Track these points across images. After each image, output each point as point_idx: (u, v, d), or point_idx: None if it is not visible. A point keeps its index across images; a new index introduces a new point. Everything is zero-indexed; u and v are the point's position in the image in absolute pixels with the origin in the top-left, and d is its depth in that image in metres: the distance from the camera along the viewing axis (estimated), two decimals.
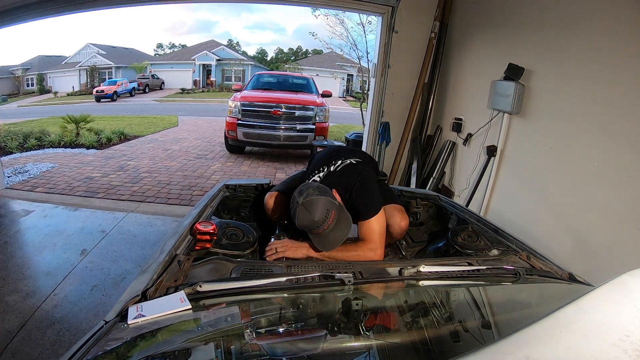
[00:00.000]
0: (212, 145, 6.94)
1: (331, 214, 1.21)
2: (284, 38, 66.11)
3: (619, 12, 1.75)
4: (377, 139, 3.80)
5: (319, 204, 1.19)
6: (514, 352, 0.45)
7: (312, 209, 1.18)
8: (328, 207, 1.21)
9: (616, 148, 1.74)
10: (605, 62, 1.81)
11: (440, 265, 1.02)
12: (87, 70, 22.65)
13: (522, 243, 1.26)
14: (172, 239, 1.15)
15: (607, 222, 1.77)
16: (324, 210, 1.19)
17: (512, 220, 2.34)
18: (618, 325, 0.48)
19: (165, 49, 33.34)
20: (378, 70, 3.62)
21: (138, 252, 2.63)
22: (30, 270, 2.37)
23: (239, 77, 23.21)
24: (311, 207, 1.19)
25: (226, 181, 1.90)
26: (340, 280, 0.89)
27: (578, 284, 1.01)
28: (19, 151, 5.84)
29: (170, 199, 3.83)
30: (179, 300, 0.78)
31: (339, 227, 1.25)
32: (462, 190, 3.03)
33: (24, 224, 3.08)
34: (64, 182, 4.20)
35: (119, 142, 6.85)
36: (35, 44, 44.23)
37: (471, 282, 1.02)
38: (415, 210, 1.87)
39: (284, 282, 0.88)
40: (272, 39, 67.78)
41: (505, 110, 2.44)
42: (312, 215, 1.18)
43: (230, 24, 64.68)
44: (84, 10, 3.47)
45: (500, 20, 2.73)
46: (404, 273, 0.96)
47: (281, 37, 66.62)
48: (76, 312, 1.94)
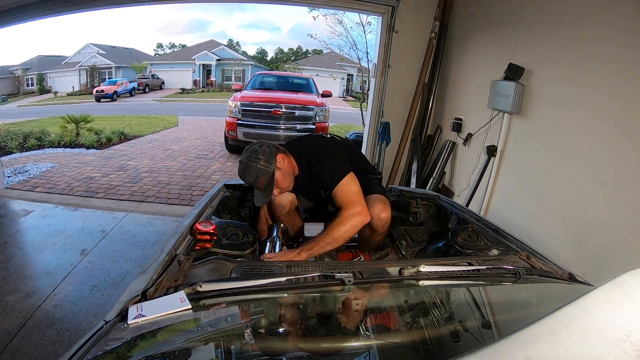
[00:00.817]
0: (212, 145, 6.94)
1: (260, 179, 1.39)
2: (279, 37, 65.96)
3: (619, 12, 1.75)
4: (377, 139, 3.79)
5: (251, 169, 1.39)
6: (514, 352, 0.45)
7: (245, 171, 1.40)
8: (258, 174, 1.39)
9: (616, 148, 1.74)
10: (605, 62, 1.81)
11: (440, 265, 1.02)
12: (87, 70, 22.63)
13: (522, 243, 1.26)
14: (172, 239, 1.15)
15: (607, 222, 1.77)
16: (254, 176, 1.40)
17: (512, 220, 2.34)
18: (618, 325, 0.48)
19: (165, 49, 33.35)
20: (378, 70, 3.62)
21: (138, 252, 2.63)
22: (30, 270, 2.37)
23: (239, 77, 23.20)
24: (245, 169, 1.40)
25: (226, 181, 1.90)
26: (340, 280, 0.88)
27: (578, 284, 1.01)
28: (18, 151, 5.84)
29: (170, 199, 3.83)
30: (179, 300, 0.78)
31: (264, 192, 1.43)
32: (462, 190, 3.03)
33: (23, 224, 3.08)
34: (63, 182, 4.20)
35: (119, 142, 6.85)
36: (35, 44, 44.18)
37: (471, 282, 1.02)
38: (415, 210, 1.87)
39: (284, 282, 0.88)
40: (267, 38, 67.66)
41: (505, 110, 2.44)
42: (243, 177, 1.42)
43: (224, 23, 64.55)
44: (84, 10, 3.47)
45: (500, 20, 2.73)
46: (404, 273, 0.95)
47: (277, 37, 66.54)
48: (76, 312, 1.94)
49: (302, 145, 1.56)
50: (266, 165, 1.40)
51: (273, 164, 1.41)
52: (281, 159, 1.44)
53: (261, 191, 1.43)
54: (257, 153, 1.41)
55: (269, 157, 1.41)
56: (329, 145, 1.53)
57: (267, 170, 1.39)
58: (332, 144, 1.55)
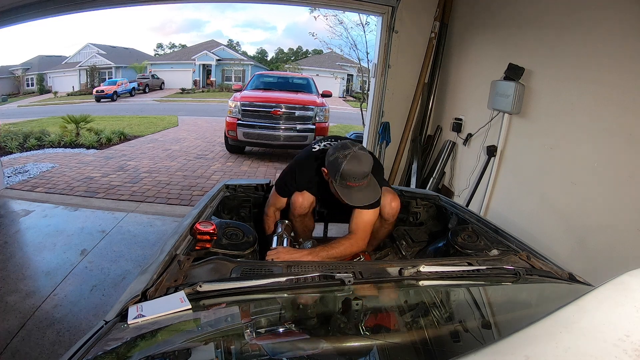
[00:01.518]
0: (212, 145, 6.94)
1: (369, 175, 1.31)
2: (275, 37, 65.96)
3: (619, 12, 1.75)
4: (377, 139, 3.79)
5: (368, 159, 1.30)
6: (514, 352, 0.45)
7: (363, 160, 1.28)
8: (372, 162, 1.31)
9: (616, 148, 1.74)
10: (605, 62, 1.81)
11: (440, 265, 1.02)
12: (87, 70, 22.64)
13: (522, 243, 1.26)
14: (172, 239, 1.15)
15: (607, 222, 1.77)
16: (370, 163, 1.30)
17: (512, 220, 2.34)
18: (618, 325, 0.48)
19: (165, 49, 33.36)
20: (378, 70, 3.62)
21: (138, 252, 2.63)
22: (30, 270, 2.37)
23: (239, 77, 23.21)
24: (362, 158, 1.28)
25: (226, 181, 1.90)
26: (340, 280, 0.88)
27: (578, 284, 1.01)
28: (19, 151, 5.84)
29: (170, 199, 3.83)
30: (179, 300, 0.78)
31: (370, 188, 1.34)
32: (462, 190, 3.03)
33: (23, 224, 3.08)
34: (63, 182, 4.20)
35: (119, 142, 6.85)
36: (35, 44, 44.23)
37: (471, 282, 1.02)
38: (415, 210, 1.87)
39: (284, 282, 0.88)
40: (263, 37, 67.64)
41: (505, 110, 2.44)
42: (363, 167, 1.27)
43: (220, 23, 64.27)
44: (84, 10, 3.47)
45: (500, 20, 2.73)
46: (404, 273, 0.95)
47: (272, 36, 66.54)
48: (76, 312, 1.94)
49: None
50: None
51: None
52: None
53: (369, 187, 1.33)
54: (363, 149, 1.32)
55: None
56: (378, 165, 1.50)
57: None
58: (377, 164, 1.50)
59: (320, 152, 1.53)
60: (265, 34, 67.57)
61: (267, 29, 67.41)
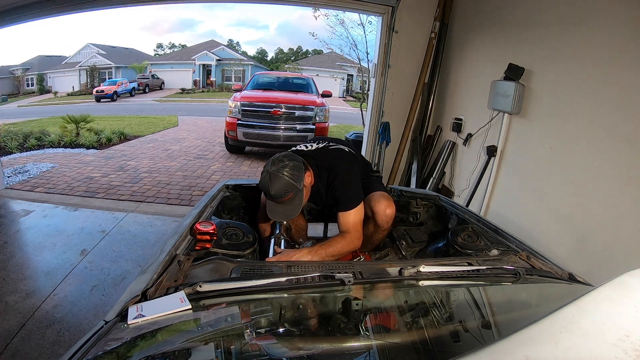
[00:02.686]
0: (212, 146, 6.94)
1: (288, 195, 1.32)
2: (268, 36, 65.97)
3: (619, 12, 1.75)
4: (377, 139, 3.79)
5: (281, 183, 1.31)
6: (514, 352, 0.45)
7: (275, 183, 1.30)
8: (288, 189, 1.32)
9: (616, 148, 1.74)
10: (605, 62, 1.81)
11: (440, 265, 1.02)
12: (87, 70, 22.64)
13: (522, 243, 1.26)
14: (172, 239, 1.15)
15: (607, 222, 1.77)
16: (284, 190, 1.31)
17: (512, 220, 2.34)
18: (618, 325, 0.48)
19: (165, 49, 33.37)
20: (378, 70, 3.62)
21: (138, 252, 2.63)
22: (30, 270, 2.37)
23: (239, 77, 23.20)
24: (275, 181, 1.31)
25: (226, 181, 1.90)
26: (340, 280, 0.88)
27: (578, 284, 1.01)
28: (19, 151, 5.84)
29: (170, 199, 3.83)
30: (179, 300, 0.78)
31: (289, 206, 1.36)
32: (462, 190, 3.03)
33: (23, 224, 3.08)
34: (63, 182, 4.20)
35: (119, 142, 6.85)
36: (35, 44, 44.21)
37: (471, 282, 1.02)
38: (415, 210, 1.87)
39: (284, 282, 0.88)
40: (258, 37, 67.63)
41: (505, 110, 2.44)
42: (271, 189, 1.31)
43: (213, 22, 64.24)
44: (84, 10, 3.47)
45: (500, 20, 2.73)
46: (404, 273, 0.95)
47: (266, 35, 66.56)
48: (76, 312, 1.94)
49: (324, 159, 1.53)
50: (296, 180, 1.34)
51: (302, 181, 1.36)
52: (308, 177, 1.42)
53: (282, 205, 1.36)
54: (287, 167, 1.33)
55: (299, 174, 1.35)
56: (351, 167, 1.52)
57: (296, 186, 1.33)
58: (354, 166, 1.54)
59: (297, 152, 1.55)
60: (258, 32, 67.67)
61: (260, 28, 67.47)
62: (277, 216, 1.39)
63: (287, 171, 1.32)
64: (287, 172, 1.32)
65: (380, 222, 1.55)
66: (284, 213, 1.38)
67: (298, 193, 1.36)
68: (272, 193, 1.31)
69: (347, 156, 1.58)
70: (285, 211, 1.37)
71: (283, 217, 1.40)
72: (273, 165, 1.34)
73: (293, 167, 1.35)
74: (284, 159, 1.36)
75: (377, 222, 1.55)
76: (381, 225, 1.56)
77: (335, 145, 1.62)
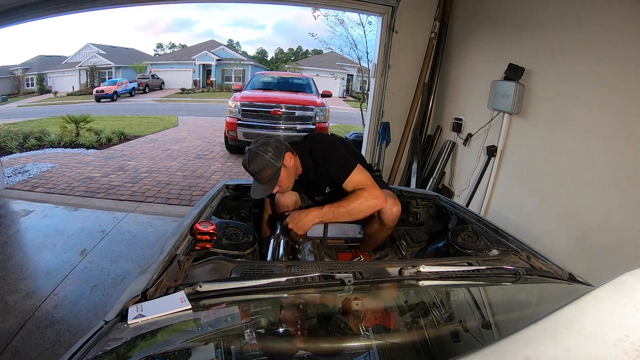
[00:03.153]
0: (212, 146, 6.94)
1: (265, 172, 1.37)
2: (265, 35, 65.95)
3: (619, 12, 1.75)
4: (377, 139, 3.79)
5: (258, 159, 1.37)
6: (514, 352, 0.45)
7: (252, 160, 1.37)
8: (265, 165, 1.37)
9: (616, 148, 1.74)
10: (605, 61, 1.81)
11: (440, 265, 1.01)
12: (87, 70, 22.64)
13: (522, 243, 1.26)
14: (172, 239, 1.15)
15: (607, 222, 1.77)
16: (260, 166, 1.37)
17: (512, 220, 2.34)
18: (618, 325, 0.47)
19: (165, 49, 33.37)
20: (378, 70, 3.62)
21: (138, 252, 2.63)
22: (30, 270, 2.37)
23: (239, 77, 23.20)
24: (253, 158, 1.37)
25: (226, 181, 1.90)
26: (340, 280, 0.88)
27: (578, 284, 1.01)
28: (19, 151, 5.84)
29: (170, 199, 3.83)
30: (179, 300, 0.78)
31: (266, 185, 1.41)
32: (462, 190, 3.03)
33: (23, 224, 3.08)
34: (63, 182, 4.20)
35: (119, 142, 6.85)
36: (35, 44, 44.28)
37: (471, 282, 1.02)
38: (415, 210, 1.87)
39: (284, 282, 0.88)
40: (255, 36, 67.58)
41: (505, 110, 2.44)
42: (248, 165, 1.38)
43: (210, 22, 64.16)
44: (84, 10, 3.47)
45: (501, 20, 2.73)
46: (404, 273, 0.95)
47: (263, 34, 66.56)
48: (76, 312, 1.94)
49: (306, 145, 1.56)
50: (274, 159, 1.39)
51: (281, 159, 1.41)
52: (289, 158, 1.44)
53: (262, 184, 1.42)
54: (267, 145, 1.40)
55: (278, 152, 1.40)
56: (332, 142, 1.55)
57: (274, 164, 1.38)
58: (335, 141, 1.57)
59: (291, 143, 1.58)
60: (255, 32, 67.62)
61: (256, 28, 67.43)
62: (255, 193, 1.44)
63: (266, 149, 1.39)
64: (266, 149, 1.39)
65: (386, 221, 1.53)
66: (262, 190, 1.42)
67: (276, 171, 1.40)
68: (249, 169, 1.38)
69: (329, 138, 1.62)
70: (263, 189, 1.42)
71: (259, 194, 1.44)
72: (254, 144, 1.42)
73: (273, 147, 1.40)
74: (267, 139, 1.44)
75: (383, 221, 1.53)
76: (387, 223, 1.54)
77: (319, 133, 1.68)
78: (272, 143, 1.41)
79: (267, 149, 1.38)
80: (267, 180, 1.40)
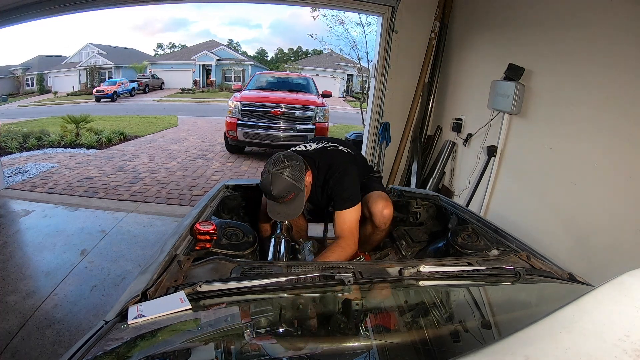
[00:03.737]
0: (212, 146, 6.95)
1: (290, 195, 1.32)
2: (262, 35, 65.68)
3: (619, 12, 1.75)
4: (377, 139, 3.79)
5: (283, 183, 1.30)
6: (514, 352, 0.45)
7: (276, 183, 1.30)
8: (289, 189, 1.31)
9: (616, 148, 1.74)
10: (605, 61, 1.81)
11: (440, 265, 1.01)
12: (87, 70, 22.63)
13: (522, 243, 1.26)
14: (172, 239, 1.15)
15: (607, 222, 1.77)
16: (285, 190, 1.31)
17: (512, 220, 2.34)
18: (618, 325, 0.47)
19: (165, 49, 33.36)
20: (378, 70, 3.62)
21: (138, 252, 2.63)
22: (30, 270, 2.37)
23: (239, 77, 23.19)
24: (277, 181, 1.30)
25: (226, 181, 1.90)
26: (340, 280, 0.88)
27: (578, 284, 1.01)
28: (19, 151, 5.84)
29: (170, 199, 3.83)
30: (179, 300, 0.78)
31: (290, 206, 1.36)
32: (462, 190, 3.03)
33: (23, 224, 3.08)
34: (63, 182, 4.20)
35: (119, 142, 6.85)
36: (35, 44, 44.23)
37: (471, 282, 1.02)
38: (415, 210, 1.87)
39: (284, 282, 0.88)
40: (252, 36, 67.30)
41: (505, 110, 2.44)
42: (272, 189, 1.30)
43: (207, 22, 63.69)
44: (84, 10, 3.47)
45: (501, 20, 2.73)
46: (404, 273, 0.95)
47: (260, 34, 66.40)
48: (76, 312, 1.94)
49: (322, 159, 1.53)
50: (298, 181, 1.34)
51: (303, 181, 1.36)
52: (308, 177, 1.42)
53: (283, 205, 1.36)
54: (288, 167, 1.33)
55: (300, 174, 1.35)
56: (348, 167, 1.51)
57: (297, 186, 1.33)
58: (351, 166, 1.53)
59: (296, 152, 1.54)
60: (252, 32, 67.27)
61: (253, 27, 67.07)
62: (278, 216, 1.38)
63: (288, 171, 1.32)
64: (288, 172, 1.32)
65: (377, 223, 1.53)
66: (285, 213, 1.37)
67: (299, 193, 1.35)
68: (274, 194, 1.30)
69: (345, 157, 1.57)
70: (287, 211, 1.36)
71: (284, 217, 1.39)
72: (274, 165, 1.33)
73: (294, 167, 1.34)
74: (284, 159, 1.35)
75: (374, 223, 1.54)
76: (379, 226, 1.54)
77: (334, 146, 1.61)
78: (292, 164, 1.34)
79: (289, 172, 1.32)
80: (290, 202, 1.35)
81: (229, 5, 73.25)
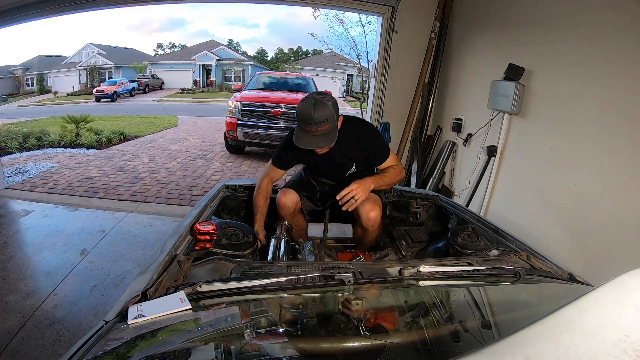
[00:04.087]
0: (212, 146, 6.94)
1: (326, 125, 1.32)
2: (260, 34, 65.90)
3: (619, 12, 1.75)
4: None
5: (325, 110, 1.31)
6: (514, 352, 0.45)
7: (319, 108, 1.30)
8: (328, 117, 1.32)
9: (616, 148, 1.74)
10: (605, 61, 1.81)
11: (440, 265, 1.01)
12: (87, 70, 22.63)
13: (522, 243, 1.26)
14: (172, 239, 1.15)
15: (607, 222, 1.77)
16: (324, 117, 1.31)
17: (512, 220, 2.34)
18: (618, 325, 0.47)
19: (165, 49, 33.37)
20: (378, 70, 3.62)
21: (138, 252, 2.63)
22: (30, 270, 2.37)
23: (239, 77, 23.20)
24: (320, 106, 1.30)
25: (226, 181, 1.90)
26: (340, 280, 0.88)
27: (578, 284, 1.01)
28: (19, 151, 5.84)
29: (170, 199, 3.83)
30: (179, 300, 0.78)
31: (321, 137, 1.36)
32: (462, 190, 3.03)
33: (23, 224, 3.08)
34: (63, 182, 4.20)
35: (119, 142, 6.85)
36: (35, 44, 44.29)
37: (471, 282, 1.02)
38: (415, 210, 1.87)
39: (284, 282, 0.88)
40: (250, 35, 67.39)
41: (505, 110, 2.44)
42: (314, 112, 1.30)
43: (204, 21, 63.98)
44: (84, 10, 3.47)
45: (501, 20, 2.73)
46: (404, 273, 0.95)
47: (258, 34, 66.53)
48: (76, 312, 1.94)
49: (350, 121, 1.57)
50: (335, 115, 1.37)
51: (338, 119, 1.39)
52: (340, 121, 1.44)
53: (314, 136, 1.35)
54: (331, 101, 1.35)
55: (338, 112, 1.38)
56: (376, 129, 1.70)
57: (335, 120, 1.36)
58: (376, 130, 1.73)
59: None
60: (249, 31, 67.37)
61: (250, 27, 67.19)
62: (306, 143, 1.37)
63: (331, 104, 1.35)
64: (331, 104, 1.35)
65: (365, 225, 1.54)
66: (315, 143, 1.37)
67: (334, 128, 1.38)
68: (315, 116, 1.29)
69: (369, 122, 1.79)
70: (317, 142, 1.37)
71: (313, 146, 1.39)
72: (318, 94, 1.37)
73: (335, 104, 1.38)
74: (326, 95, 1.38)
75: (362, 225, 1.54)
76: (367, 228, 1.55)
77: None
78: (334, 100, 1.38)
79: (332, 104, 1.34)
80: (321, 134, 1.34)
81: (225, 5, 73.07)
